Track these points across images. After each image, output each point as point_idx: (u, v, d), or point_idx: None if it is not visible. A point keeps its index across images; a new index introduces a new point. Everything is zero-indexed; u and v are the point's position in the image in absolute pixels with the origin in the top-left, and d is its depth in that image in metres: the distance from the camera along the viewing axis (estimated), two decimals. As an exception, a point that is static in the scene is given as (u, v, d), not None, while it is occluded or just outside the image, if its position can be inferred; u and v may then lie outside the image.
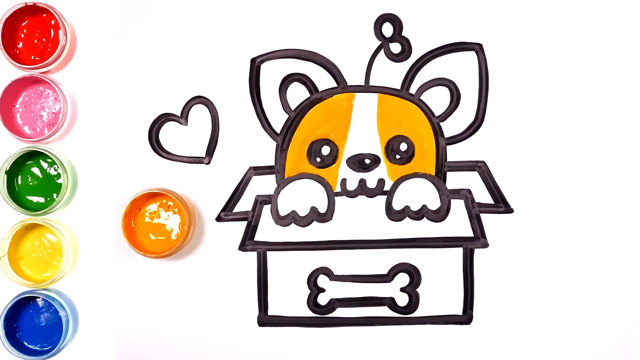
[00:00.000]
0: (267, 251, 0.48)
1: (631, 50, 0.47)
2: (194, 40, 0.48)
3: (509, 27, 0.47)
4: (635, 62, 0.47)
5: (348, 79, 0.48)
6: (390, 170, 0.48)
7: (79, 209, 0.48)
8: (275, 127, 0.48)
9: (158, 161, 0.48)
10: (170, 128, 0.49)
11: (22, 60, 0.48)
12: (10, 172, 0.47)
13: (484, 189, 0.47)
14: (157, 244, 0.47)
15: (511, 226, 0.47)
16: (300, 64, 0.48)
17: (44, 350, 0.47)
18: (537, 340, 0.47)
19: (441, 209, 0.47)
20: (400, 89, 0.48)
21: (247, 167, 0.48)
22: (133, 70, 0.48)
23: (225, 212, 0.48)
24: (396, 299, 0.48)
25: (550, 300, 0.47)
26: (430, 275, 0.47)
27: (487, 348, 0.47)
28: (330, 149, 0.48)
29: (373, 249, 0.48)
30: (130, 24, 0.48)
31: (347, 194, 0.48)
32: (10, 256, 0.47)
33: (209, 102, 0.48)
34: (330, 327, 0.48)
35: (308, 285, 0.48)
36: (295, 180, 0.48)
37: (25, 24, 0.48)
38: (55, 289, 0.48)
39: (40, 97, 0.48)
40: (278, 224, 0.48)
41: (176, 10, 0.48)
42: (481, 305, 0.47)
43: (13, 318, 0.47)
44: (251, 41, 0.48)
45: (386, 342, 0.48)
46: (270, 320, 0.48)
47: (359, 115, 0.48)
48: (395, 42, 0.48)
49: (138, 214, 0.47)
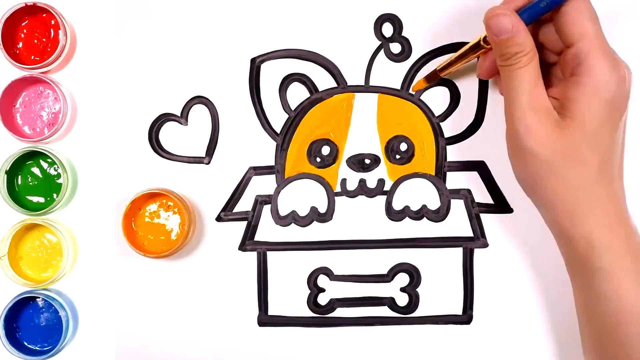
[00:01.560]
0: (267, 251, 0.48)
1: (631, 50, 0.47)
2: (194, 40, 0.48)
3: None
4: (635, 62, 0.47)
5: (348, 79, 0.48)
6: (390, 170, 0.48)
7: (79, 209, 0.49)
8: (275, 127, 0.48)
9: (158, 161, 0.48)
10: (170, 128, 0.49)
11: (22, 60, 0.48)
12: (10, 172, 0.47)
13: (484, 189, 0.47)
14: (157, 244, 0.47)
15: (511, 226, 0.47)
16: (300, 64, 0.48)
17: (44, 350, 0.47)
18: (537, 340, 0.47)
19: (441, 209, 0.47)
20: (400, 89, 0.48)
21: (247, 167, 0.48)
22: (133, 70, 0.48)
23: (225, 212, 0.48)
24: (396, 298, 0.48)
25: (550, 300, 0.47)
26: (430, 275, 0.47)
27: (487, 348, 0.47)
28: (330, 149, 0.48)
29: (373, 249, 0.48)
30: (130, 24, 0.48)
31: (347, 194, 0.48)
32: (10, 256, 0.47)
33: (209, 102, 0.48)
34: (330, 327, 0.48)
35: (308, 285, 0.48)
36: (295, 180, 0.48)
37: (25, 24, 0.48)
38: (55, 289, 0.48)
39: (40, 97, 0.48)
40: (278, 224, 0.48)
41: (176, 10, 0.48)
42: (481, 305, 0.47)
43: (13, 318, 0.47)
44: (251, 41, 0.48)
45: (386, 342, 0.48)
46: (270, 320, 0.48)
47: (359, 115, 0.48)
48: (395, 42, 0.48)
49: (138, 214, 0.47)
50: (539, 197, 0.40)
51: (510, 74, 0.39)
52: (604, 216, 0.38)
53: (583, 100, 0.38)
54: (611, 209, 0.39)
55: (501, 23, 0.38)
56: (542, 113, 0.38)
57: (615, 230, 0.38)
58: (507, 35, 0.38)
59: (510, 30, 0.38)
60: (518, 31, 0.38)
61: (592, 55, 0.37)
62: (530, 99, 0.39)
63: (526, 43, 0.38)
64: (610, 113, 0.38)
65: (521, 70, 0.39)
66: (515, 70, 0.39)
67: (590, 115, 0.37)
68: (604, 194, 0.38)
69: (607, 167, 0.39)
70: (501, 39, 0.39)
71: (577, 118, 0.38)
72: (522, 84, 0.39)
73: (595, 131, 0.38)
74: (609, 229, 0.38)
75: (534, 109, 0.38)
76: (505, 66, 0.39)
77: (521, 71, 0.39)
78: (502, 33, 0.39)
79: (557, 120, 0.38)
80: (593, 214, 0.38)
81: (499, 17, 0.39)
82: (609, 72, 0.37)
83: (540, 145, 0.38)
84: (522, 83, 0.39)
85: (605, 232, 0.38)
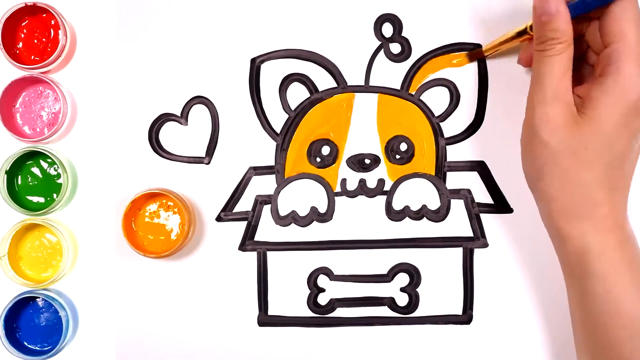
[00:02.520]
0: (267, 251, 0.48)
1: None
2: (194, 40, 0.48)
3: (509, 27, 0.47)
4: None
5: (348, 79, 0.48)
6: (390, 170, 0.48)
7: (79, 209, 0.49)
8: (275, 127, 0.48)
9: (158, 161, 0.48)
10: (170, 128, 0.49)
11: (22, 60, 0.48)
12: (10, 172, 0.47)
13: (484, 189, 0.47)
14: (157, 244, 0.47)
15: (511, 226, 0.47)
16: (300, 64, 0.48)
17: (44, 350, 0.47)
18: (537, 340, 0.47)
19: (441, 209, 0.47)
20: (400, 89, 0.48)
21: (247, 167, 0.48)
22: (133, 70, 0.48)
23: (225, 212, 0.48)
24: (396, 298, 0.48)
25: (550, 300, 0.47)
26: (430, 275, 0.47)
27: (487, 348, 0.47)
28: (330, 149, 0.48)
29: (373, 249, 0.48)
30: (130, 24, 0.48)
31: (347, 194, 0.48)
32: (10, 256, 0.47)
33: (209, 102, 0.48)
34: (330, 327, 0.48)
35: (308, 285, 0.48)
36: (295, 180, 0.48)
37: (25, 24, 0.48)
38: (55, 289, 0.48)
39: (40, 97, 0.48)
40: (278, 224, 0.48)
41: (176, 10, 0.48)
42: (481, 305, 0.47)
43: (13, 318, 0.47)
44: (251, 41, 0.48)
45: (386, 342, 0.48)
46: (270, 320, 0.48)
47: (359, 115, 0.48)
48: (395, 42, 0.48)
49: (138, 214, 0.47)
50: (540, 191, 0.40)
51: (541, 60, 0.39)
52: (601, 220, 0.38)
53: (604, 100, 0.37)
54: (609, 214, 0.38)
55: (547, 4, 0.38)
56: (563, 105, 0.38)
57: (611, 235, 0.38)
58: (549, 18, 0.38)
59: (552, 13, 0.38)
60: (559, 17, 0.38)
61: (624, 57, 0.37)
62: (555, 89, 0.38)
63: (564, 31, 0.38)
64: (630, 118, 0.37)
65: (552, 58, 0.38)
66: (547, 57, 0.38)
67: (607, 116, 0.37)
68: (604, 198, 0.38)
69: (614, 173, 0.38)
70: (542, 20, 0.38)
71: (594, 116, 0.37)
72: (551, 72, 0.38)
73: (609, 133, 0.37)
74: (605, 234, 0.38)
75: (557, 100, 0.38)
76: (539, 50, 0.39)
77: (552, 59, 0.38)
78: (545, 15, 0.38)
79: (574, 116, 0.38)
80: (590, 217, 0.38)
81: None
82: (637, 77, 0.37)
83: (552, 136, 0.38)
84: (551, 71, 0.38)
85: (600, 237, 0.38)
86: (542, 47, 0.39)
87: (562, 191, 0.39)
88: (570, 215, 0.39)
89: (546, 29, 0.38)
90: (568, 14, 0.38)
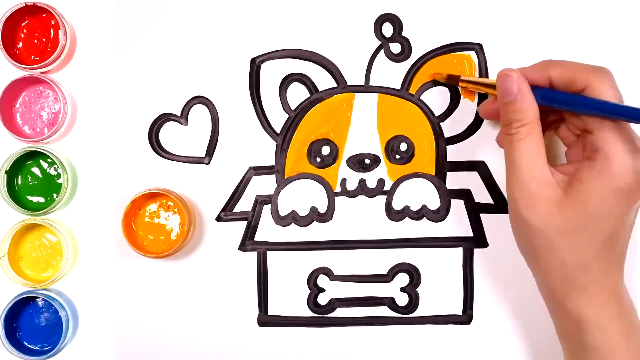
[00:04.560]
0: (267, 251, 0.48)
1: (631, 51, 0.47)
2: (193, 40, 0.48)
3: (509, 27, 0.47)
4: (635, 63, 0.47)
5: (348, 79, 0.48)
6: (390, 170, 0.48)
7: (79, 209, 0.49)
8: (275, 127, 0.48)
9: (158, 161, 0.48)
10: (170, 128, 0.49)
11: (22, 60, 0.48)
12: (10, 172, 0.47)
13: (484, 189, 0.47)
14: (157, 244, 0.47)
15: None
16: (300, 64, 0.48)
17: (44, 350, 0.47)
18: (537, 340, 0.47)
19: (441, 209, 0.47)
20: (400, 89, 0.48)
21: (247, 167, 0.48)
22: (133, 70, 0.48)
23: (225, 212, 0.48)
24: (396, 298, 0.48)
25: (550, 300, 0.47)
26: (430, 275, 0.47)
27: (487, 348, 0.47)
28: (330, 149, 0.48)
29: (373, 249, 0.48)
30: (130, 24, 0.48)
31: (347, 194, 0.48)
32: (10, 256, 0.47)
33: (209, 102, 0.48)
34: (330, 327, 0.48)
35: (308, 285, 0.48)
36: (295, 180, 0.48)
37: (25, 24, 0.48)
38: (55, 289, 0.48)
39: (40, 97, 0.48)
40: (278, 224, 0.48)
41: (176, 10, 0.48)
42: (481, 305, 0.47)
43: (13, 318, 0.47)
44: (251, 41, 0.48)
45: (386, 342, 0.48)
46: (270, 320, 0.48)
47: (359, 115, 0.48)
48: (395, 42, 0.48)
49: (138, 214, 0.47)
50: (535, 267, 0.40)
51: (511, 144, 0.38)
52: (598, 295, 0.38)
53: (592, 185, 0.36)
54: (605, 288, 0.38)
55: (507, 84, 0.38)
56: (542, 185, 0.37)
57: (608, 308, 0.38)
58: (511, 98, 0.38)
59: (514, 93, 0.38)
60: (522, 97, 0.37)
61: (610, 143, 0.36)
62: (530, 171, 0.38)
63: (528, 112, 0.37)
64: (620, 202, 0.36)
65: (520, 143, 0.38)
66: (515, 142, 0.38)
67: (597, 201, 0.36)
68: (598, 274, 0.38)
69: (607, 251, 0.38)
70: (505, 101, 0.38)
71: (584, 201, 0.36)
72: (522, 156, 0.38)
73: (600, 217, 0.36)
74: (602, 307, 0.38)
75: (534, 181, 0.38)
76: (507, 134, 0.39)
77: (520, 144, 0.38)
78: (507, 95, 0.38)
79: (558, 196, 0.37)
80: (586, 293, 0.38)
81: (506, 77, 0.38)
82: (626, 164, 0.36)
83: (537, 219, 0.37)
84: (521, 155, 0.38)
85: (597, 311, 0.38)
86: (509, 131, 0.38)
87: (556, 270, 0.38)
88: (568, 291, 0.38)
89: (509, 110, 0.38)
90: (531, 93, 0.38)
